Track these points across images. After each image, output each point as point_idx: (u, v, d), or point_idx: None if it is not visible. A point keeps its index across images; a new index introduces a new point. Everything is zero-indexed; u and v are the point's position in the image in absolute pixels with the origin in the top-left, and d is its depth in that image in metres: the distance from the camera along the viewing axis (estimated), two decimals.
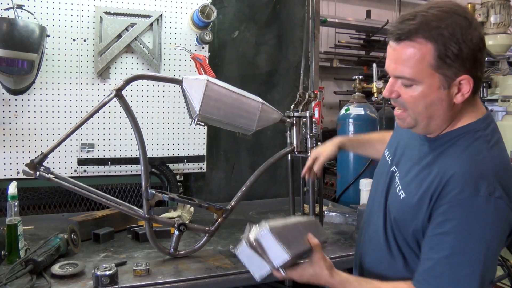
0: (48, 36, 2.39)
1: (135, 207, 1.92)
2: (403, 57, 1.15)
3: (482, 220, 1.09)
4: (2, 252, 1.83)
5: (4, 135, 2.41)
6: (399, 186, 1.32)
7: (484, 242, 1.09)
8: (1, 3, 2.33)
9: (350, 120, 3.03)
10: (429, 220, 1.19)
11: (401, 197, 1.29)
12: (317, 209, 2.25)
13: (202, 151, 2.85)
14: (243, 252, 1.28)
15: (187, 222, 2.22)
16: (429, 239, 1.17)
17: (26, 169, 1.72)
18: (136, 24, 2.60)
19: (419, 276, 1.19)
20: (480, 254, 1.09)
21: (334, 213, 2.62)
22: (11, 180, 2.03)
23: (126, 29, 2.58)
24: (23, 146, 2.44)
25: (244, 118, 1.94)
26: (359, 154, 1.86)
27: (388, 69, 1.22)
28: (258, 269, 1.28)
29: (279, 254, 1.23)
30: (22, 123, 2.44)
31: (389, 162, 1.45)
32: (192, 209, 2.53)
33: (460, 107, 1.20)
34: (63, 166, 2.53)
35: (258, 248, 1.24)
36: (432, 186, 1.18)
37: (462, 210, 1.11)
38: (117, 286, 1.65)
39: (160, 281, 1.73)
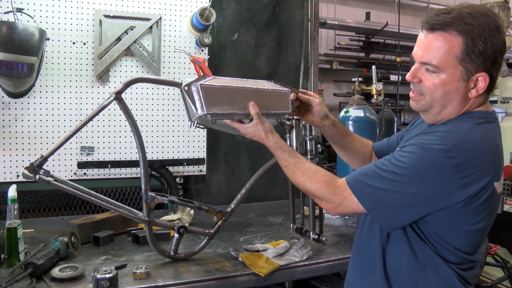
0: (48, 39, 2.39)
1: (135, 210, 1.92)
2: (433, 46, 1.25)
3: (420, 163, 1.21)
4: (2, 256, 1.84)
5: (4, 138, 2.41)
6: None
7: (412, 180, 1.21)
8: (1, 7, 2.33)
9: (350, 122, 3.03)
10: None
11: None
12: (317, 211, 2.25)
13: (202, 153, 2.85)
14: (184, 92, 1.57)
15: (187, 224, 2.21)
16: (382, 159, 1.31)
17: (26, 172, 1.71)
18: (135, 27, 2.60)
19: (353, 172, 1.35)
20: (400, 185, 1.22)
21: (334, 216, 2.62)
22: (11, 183, 2.04)
23: (126, 32, 2.59)
24: (22, 149, 2.44)
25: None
26: (334, 141, 1.76)
27: (415, 55, 1.31)
28: (189, 112, 1.60)
29: (198, 110, 1.53)
30: (22, 126, 2.44)
31: None
32: (192, 211, 2.53)
33: (474, 100, 1.29)
34: (63, 169, 2.53)
35: (190, 95, 1.54)
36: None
37: (413, 148, 1.24)
38: None
39: (160, 284, 1.74)
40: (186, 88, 1.55)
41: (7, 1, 2.32)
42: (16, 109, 2.43)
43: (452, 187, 1.19)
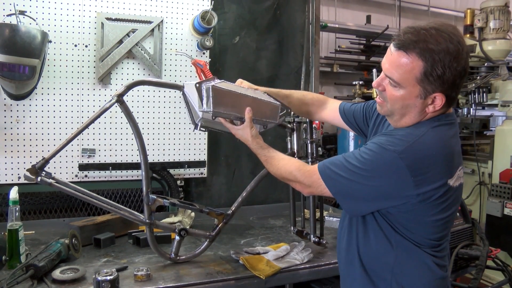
0: (50, 41, 2.40)
1: (136, 212, 1.93)
2: (397, 63, 1.34)
3: (377, 161, 1.34)
4: (3, 257, 1.84)
5: (5, 140, 2.41)
6: None
7: (369, 174, 1.35)
8: (4, 9, 2.35)
9: None
10: None
11: None
12: (318, 214, 2.26)
13: (203, 156, 2.85)
14: (189, 87, 1.81)
15: (187, 227, 2.22)
16: (349, 152, 1.46)
17: (28, 174, 1.72)
18: (137, 30, 2.61)
19: (324, 161, 1.50)
20: (359, 178, 1.36)
21: (335, 218, 2.62)
22: (12, 185, 2.04)
23: (127, 34, 2.60)
24: (24, 151, 2.45)
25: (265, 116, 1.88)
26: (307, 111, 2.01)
27: (382, 66, 1.41)
28: (192, 112, 1.84)
29: (204, 106, 1.72)
30: (24, 128, 2.45)
31: None
32: (192, 214, 2.53)
33: (432, 114, 1.39)
34: (64, 171, 2.53)
35: (200, 92, 1.72)
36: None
37: (373, 147, 1.37)
38: None
39: (161, 286, 1.74)
40: (197, 85, 1.74)
41: (10, 4, 2.33)
42: (18, 111, 2.43)
43: (406, 184, 1.31)
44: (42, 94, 2.48)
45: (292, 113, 2.23)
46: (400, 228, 1.40)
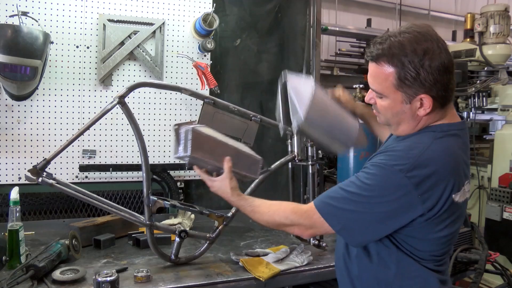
0: (52, 42, 2.41)
1: (136, 214, 1.93)
2: (373, 75, 1.37)
3: (384, 184, 1.29)
4: (4, 258, 1.84)
5: (6, 140, 2.42)
6: None
7: (377, 200, 1.29)
8: (6, 10, 2.35)
9: None
10: None
11: None
12: None
13: None
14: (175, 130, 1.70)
15: (187, 229, 2.22)
16: (346, 181, 1.40)
17: (29, 174, 1.73)
18: (139, 31, 2.62)
19: (320, 196, 1.44)
20: (366, 206, 1.30)
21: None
22: (13, 185, 2.04)
23: (129, 36, 2.61)
24: (25, 151, 2.45)
25: (343, 134, 1.75)
26: (370, 126, 1.89)
27: (368, 81, 1.41)
28: (175, 150, 1.70)
29: (180, 150, 1.64)
30: (25, 129, 2.46)
31: None
32: (192, 216, 2.53)
33: (427, 117, 1.36)
34: (65, 172, 2.54)
35: (178, 135, 1.65)
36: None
37: (376, 170, 1.32)
38: None
39: None
40: (176, 127, 1.68)
41: (13, 5, 2.34)
42: (19, 111, 2.44)
43: (413, 203, 1.27)
44: (44, 95, 2.49)
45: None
46: (404, 245, 1.37)
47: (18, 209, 1.93)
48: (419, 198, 1.27)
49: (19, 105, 2.43)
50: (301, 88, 1.64)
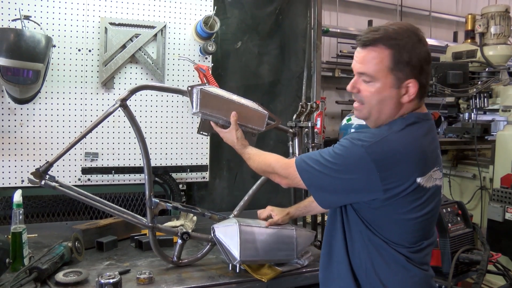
0: (54, 46, 2.43)
1: (138, 216, 1.94)
2: (367, 58, 1.44)
3: (347, 156, 1.40)
4: (7, 260, 1.84)
5: (9, 143, 2.43)
6: None
7: (339, 168, 1.41)
8: (9, 14, 2.37)
9: (352, 130, 3.05)
10: None
11: None
12: (319, 219, 2.27)
13: (205, 160, 2.87)
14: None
15: (190, 231, 2.23)
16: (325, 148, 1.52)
17: (32, 177, 1.74)
18: (140, 34, 2.63)
19: (302, 154, 1.63)
20: (331, 172, 1.42)
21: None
22: (16, 188, 2.06)
23: (131, 39, 2.62)
24: (28, 154, 2.46)
25: (282, 251, 1.97)
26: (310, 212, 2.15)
27: (354, 68, 1.50)
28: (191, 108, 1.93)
29: (193, 107, 1.88)
30: (27, 132, 2.47)
31: None
32: (194, 218, 2.54)
33: (406, 106, 1.45)
34: (67, 174, 2.55)
35: (191, 95, 1.88)
36: None
37: (345, 143, 1.43)
38: None
39: None
40: (189, 88, 1.88)
41: (15, 9, 2.36)
42: (21, 115, 2.45)
43: (373, 179, 1.36)
44: (46, 98, 2.50)
45: (294, 117, 2.25)
46: (371, 225, 1.45)
47: (21, 211, 1.94)
48: (379, 176, 1.36)
49: (21, 109, 2.44)
50: (228, 233, 1.88)
